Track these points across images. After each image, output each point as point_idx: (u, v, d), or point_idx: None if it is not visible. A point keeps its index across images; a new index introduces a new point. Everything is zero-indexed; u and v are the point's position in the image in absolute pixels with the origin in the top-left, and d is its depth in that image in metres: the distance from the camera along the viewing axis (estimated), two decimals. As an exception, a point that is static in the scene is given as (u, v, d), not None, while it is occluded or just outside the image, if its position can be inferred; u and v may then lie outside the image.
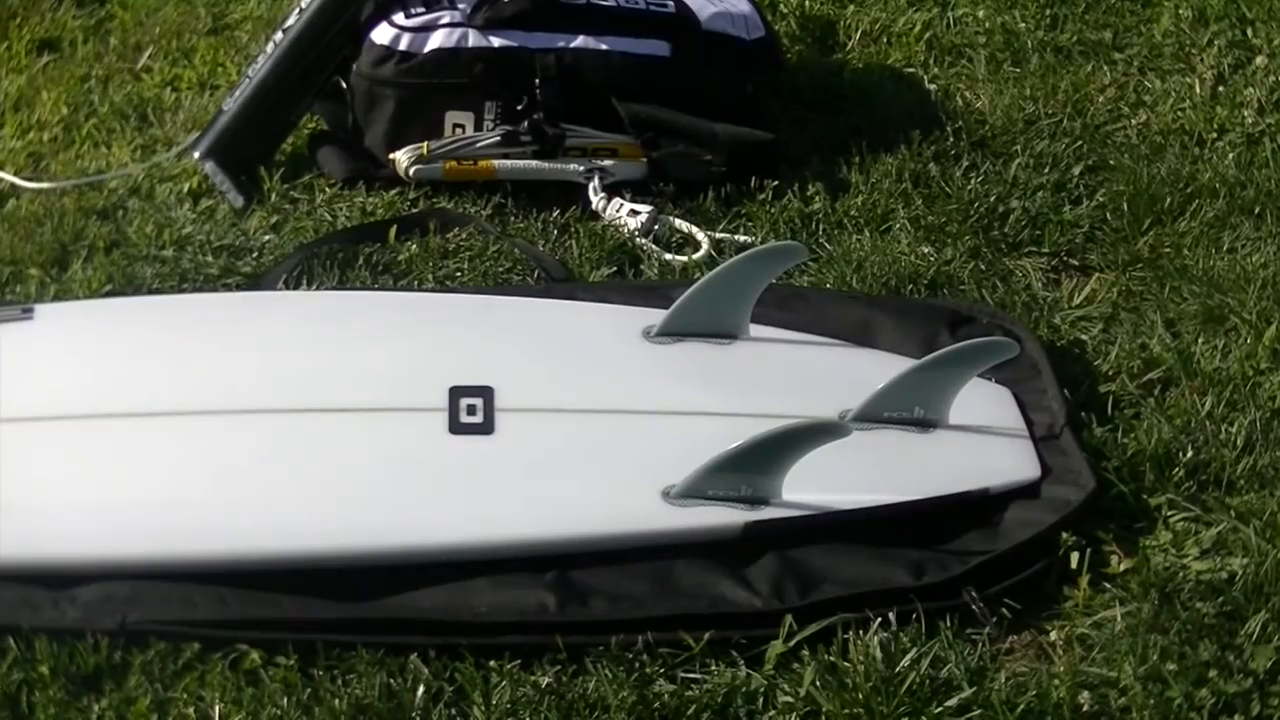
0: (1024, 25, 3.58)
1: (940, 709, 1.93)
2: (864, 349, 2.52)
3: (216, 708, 1.92)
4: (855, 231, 2.87)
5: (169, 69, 3.45)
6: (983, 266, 2.77)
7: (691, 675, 1.98)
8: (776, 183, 2.95)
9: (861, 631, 2.02)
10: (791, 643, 2.01)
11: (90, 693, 1.95)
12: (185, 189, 2.98)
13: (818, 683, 1.95)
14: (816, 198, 2.94)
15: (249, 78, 3.04)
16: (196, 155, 3.03)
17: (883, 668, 1.96)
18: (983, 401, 2.37)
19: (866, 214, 2.91)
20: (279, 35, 3.03)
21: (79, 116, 3.27)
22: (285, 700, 1.92)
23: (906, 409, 2.31)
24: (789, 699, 1.95)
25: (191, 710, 1.92)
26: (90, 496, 2.16)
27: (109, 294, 2.68)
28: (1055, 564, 2.15)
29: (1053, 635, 2.07)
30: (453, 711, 1.93)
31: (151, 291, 2.70)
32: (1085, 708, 1.95)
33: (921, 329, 2.56)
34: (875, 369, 2.38)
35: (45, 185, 3.01)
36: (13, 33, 3.58)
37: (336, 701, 1.91)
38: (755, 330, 2.50)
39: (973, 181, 2.97)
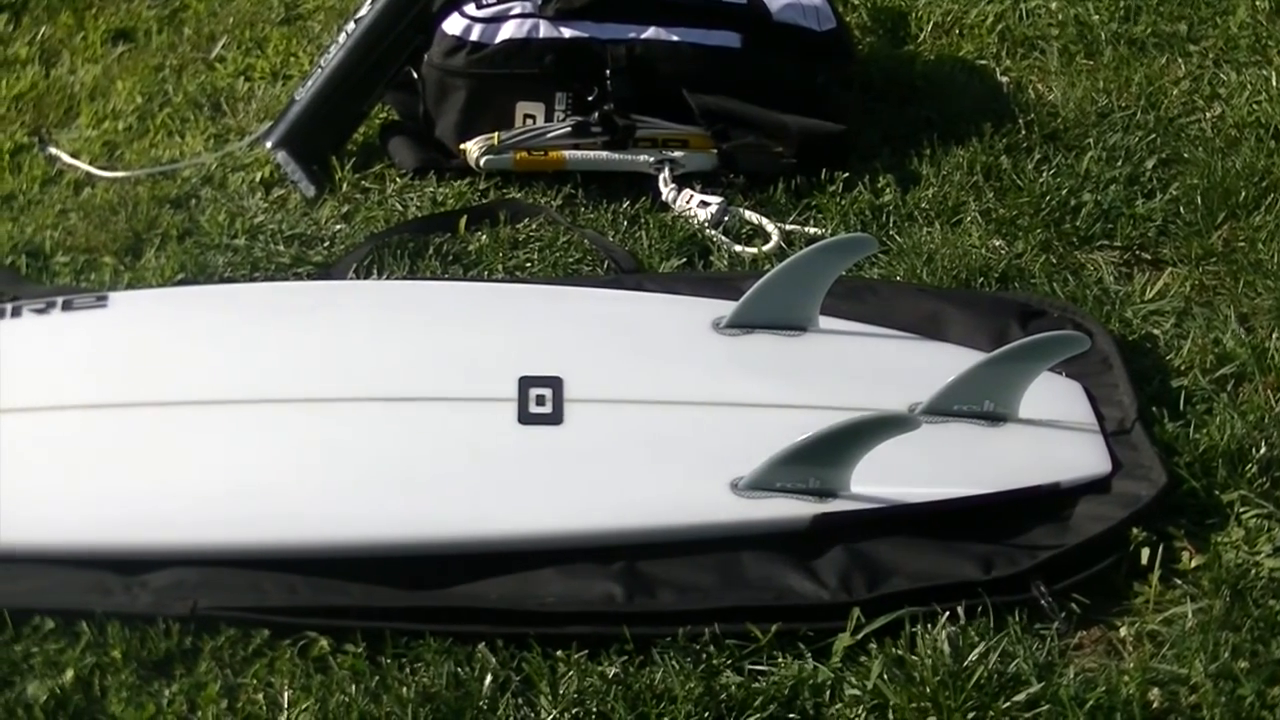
0: (1097, 17, 3.56)
1: (1008, 704, 1.92)
2: (934, 342, 2.51)
3: (285, 694, 1.94)
4: (926, 224, 2.86)
5: (242, 59, 3.48)
6: (1054, 260, 2.76)
7: (758, 667, 1.98)
8: (847, 175, 2.95)
9: (929, 625, 2.01)
10: (859, 636, 2.01)
11: (161, 677, 1.97)
12: (257, 178, 3.00)
13: (885, 676, 1.95)
14: (887, 190, 2.93)
15: (321, 68, 3.06)
16: (269, 145, 3.05)
17: (950, 662, 1.95)
18: (1053, 395, 2.36)
19: (937, 206, 2.90)
20: (351, 25, 3.05)
21: (153, 106, 3.30)
22: (353, 688, 1.93)
23: (976, 402, 2.30)
24: (856, 692, 1.94)
25: (260, 696, 1.94)
26: (162, 483, 2.18)
27: (181, 282, 2.71)
28: (1125, 559, 2.14)
29: (1122, 631, 2.06)
30: (519, 701, 1.93)
31: (223, 280, 2.72)
32: (1155, 705, 1.94)
33: (992, 322, 2.54)
34: (945, 362, 2.37)
35: (120, 174, 3.04)
36: (89, 23, 3.62)
37: (404, 690, 1.92)
38: (825, 322, 2.49)
39: (1044, 174, 2.96)
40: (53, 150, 3.14)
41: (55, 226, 2.87)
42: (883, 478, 2.16)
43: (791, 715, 1.92)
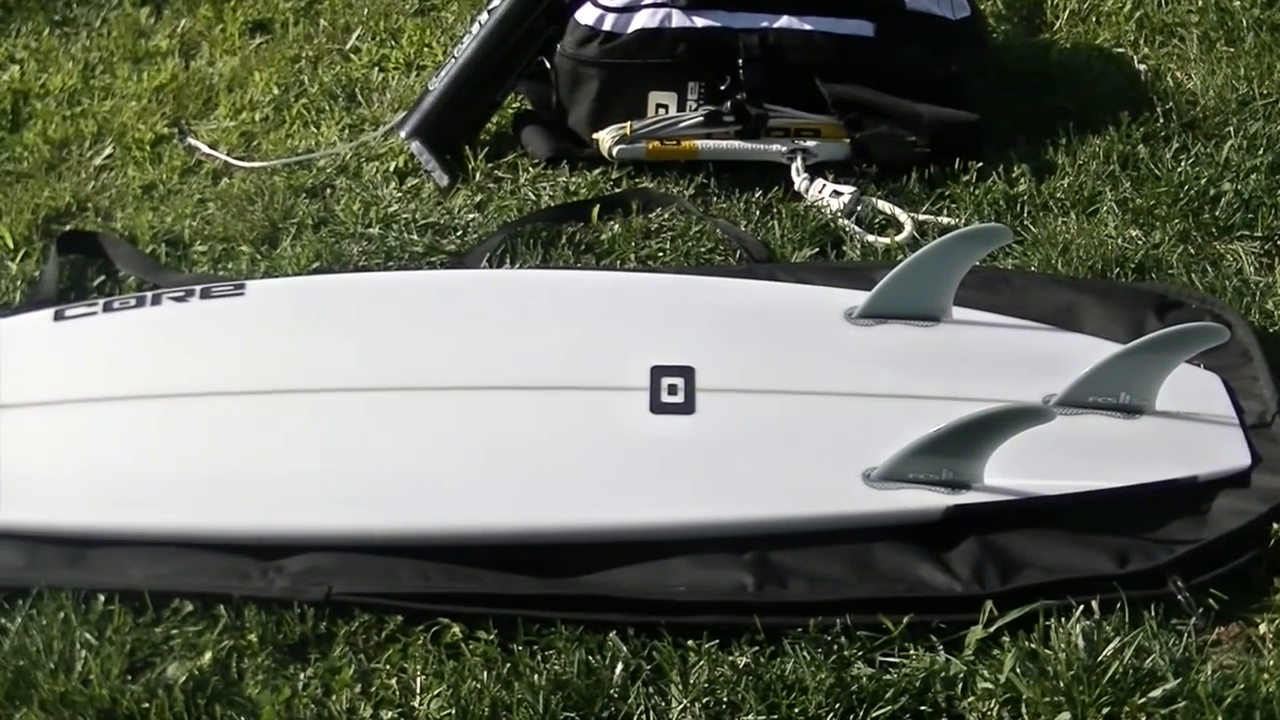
0: (1239, 3, 3.49)
1: (1144, 700, 1.89)
2: (1069, 333, 2.48)
3: (418, 679, 1.95)
4: (1061, 214, 2.83)
5: (377, 49, 3.51)
6: (1192, 250, 2.72)
7: (889, 659, 1.97)
8: (981, 164, 2.92)
9: (1063, 619, 1.99)
10: (992, 629, 1.99)
11: (296, 661, 2.00)
12: (391, 168, 3.03)
13: (1018, 670, 1.93)
14: (1021, 179, 2.90)
15: (455, 58, 3.07)
16: (403, 135, 3.07)
17: (1085, 656, 1.93)
18: (1191, 388, 2.33)
19: (1073, 196, 2.87)
20: (484, 16, 3.06)
21: (289, 97, 3.34)
22: (485, 674, 1.95)
23: (1112, 394, 2.28)
24: (988, 685, 1.93)
25: (393, 681, 1.96)
26: (298, 470, 2.20)
27: (317, 271, 2.74)
28: (1265, 555, 2.10)
29: (1262, 628, 2.03)
30: (650, 690, 1.94)
31: (358, 269, 2.75)
32: (1295, 703, 1.91)
33: (1128, 313, 2.51)
34: (1080, 353, 2.35)
35: (256, 164, 3.08)
36: (227, 15, 3.66)
37: (536, 677, 1.93)
38: (958, 313, 2.48)
39: (1183, 164, 2.91)
40: (192, 141, 3.18)
41: (194, 216, 2.91)
42: (1017, 470, 2.14)
43: (923, 708, 1.91)
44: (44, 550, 2.12)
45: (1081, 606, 2.00)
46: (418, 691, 1.94)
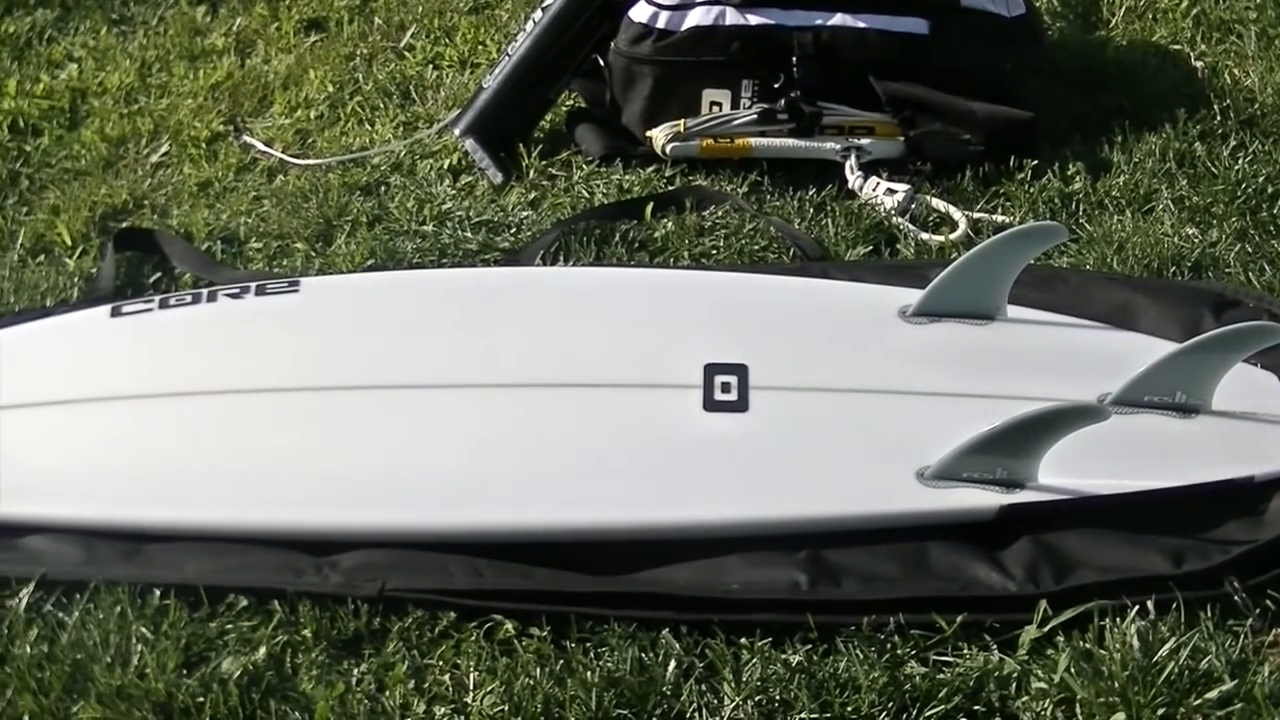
0: (1297, 0, 3.48)
1: (1199, 701, 1.88)
2: (1124, 331, 2.47)
3: (471, 676, 1.96)
4: (1116, 212, 2.81)
5: (431, 47, 3.52)
6: (1250, 249, 2.70)
7: (943, 658, 1.96)
8: (1036, 162, 2.91)
9: (1118, 619, 1.98)
10: (1046, 628, 1.98)
11: (350, 657, 2.00)
12: (445, 165, 3.04)
13: (1072, 670, 1.92)
14: (1077, 177, 2.89)
15: (509, 56, 3.08)
16: (457, 132, 3.08)
17: (1140, 657, 1.92)
18: (1248, 387, 2.31)
19: (1128, 194, 2.85)
20: (538, 14, 3.07)
21: (344, 94, 3.35)
22: (538, 671, 1.95)
23: (1168, 393, 2.26)
24: (1043, 685, 1.92)
25: (447, 677, 1.96)
26: (353, 466, 2.21)
27: (371, 268, 2.75)
28: (1323, 556, 2.09)
29: (1320, 629, 2.02)
30: (703, 688, 1.94)
31: (412, 266, 2.75)
32: (1354, 705, 1.90)
33: (1184, 312, 2.50)
34: (1136, 352, 2.33)
35: (311, 161, 3.09)
36: (282, 13, 3.68)
37: (588, 674, 1.93)
38: (1013, 311, 2.47)
39: (1240, 161, 2.90)
40: (247, 138, 3.20)
41: (249, 213, 2.93)
42: (1072, 469, 2.13)
43: (977, 707, 1.91)
44: (100, 545, 2.14)
45: (1137, 606, 1.99)
46: (471, 688, 1.94)
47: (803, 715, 1.89)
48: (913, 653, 1.96)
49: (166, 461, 2.23)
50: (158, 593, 2.05)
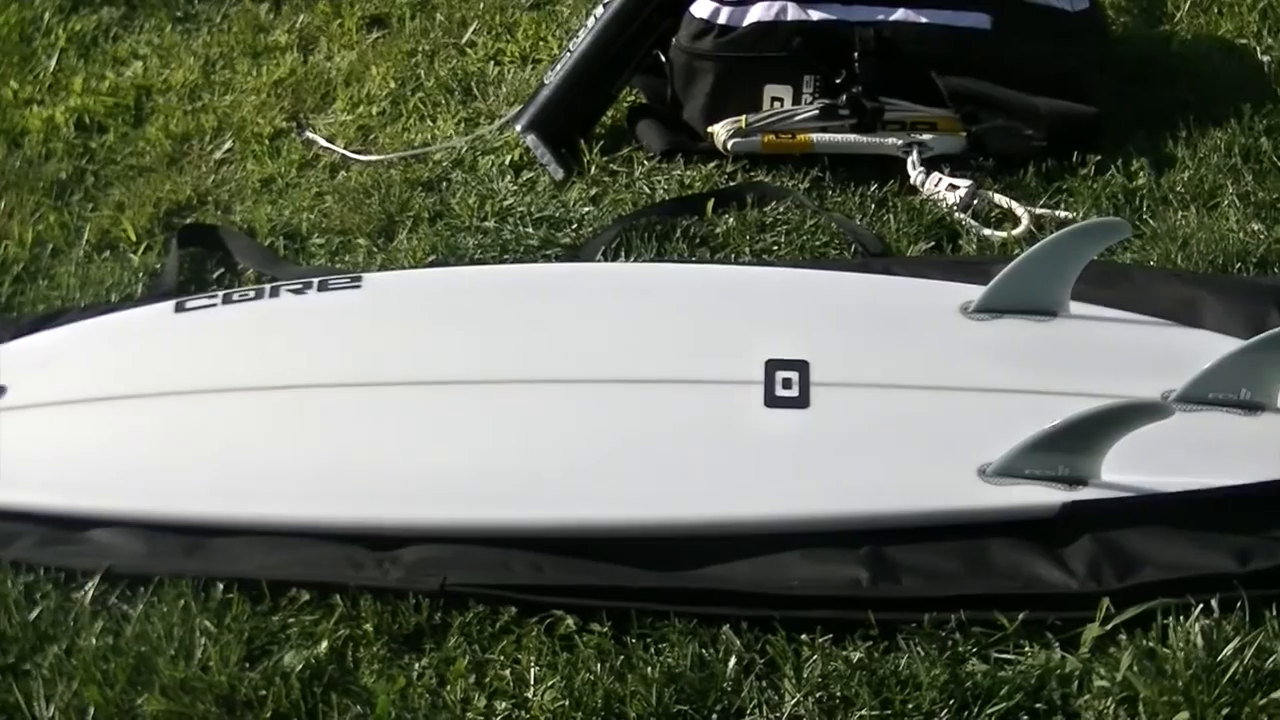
0: (1365, -7, 3.45)
1: (1265, 700, 1.87)
2: (1189, 328, 2.45)
3: (531, 670, 1.96)
4: (1181, 208, 2.80)
5: (492, 43, 3.52)
6: (1317, 245, 2.68)
7: (1005, 656, 1.96)
8: (1099, 157, 2.90)
9: (1182, 617, 1.97)
10: (1108, 626, 1.97)
11: (411, 651, 2.01)
12: (507, 161, 3.05)
13: (1135, 668, 1.91)
14: (1140, 173, 2.87)
15: (570, 52, 3.08)
16: (518, 128, 3.09)
17: (1204, 656, 1.91)
18: (1314, 384, 2.30)
19: (1193, 190, 2.83)
20: (600, 10, 3.07)
21: (406, 91, 3.36)
22: (598, 666, 1.95)
23: (1233, 390, 2.25)
24: (1105, 683, 1.91)
25: (507, 672, 1.97)
26: (414, 462, 2.22)
27: (432, 263, 2.76)
28: (1391, 554, 2.07)
29: (1387, 628, 2.00)
30: (763, 684, 1.93)
31: (474, 262, 2.76)
32: None
33: (1250, 308, 2.48)
34: (1200, 349, 2.32)
35: (373, 157, 3.10)
36: (345, 10, 3.69)
37: (649, 669, 1.93)
38: (1075, 308, 2.45)
39: (1307, 157, 2.88)
40: (310, 135, 3.21)
41: (312, 209, 2.94)
42: (1135, 466, 2.12)
43: (1038, 705, 1.90)
44: (164, 539, 2.15)
45: (1200, 605, 1.97)
46: (532, 682, 1.95)
47: (863, 712, 1.89)
48: (974, 650, 1.96)
49: (229, 456, 2.25)
50: (220, 586, 2.07)
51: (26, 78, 3.54)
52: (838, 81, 2.96)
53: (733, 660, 1.95)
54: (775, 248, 2.75)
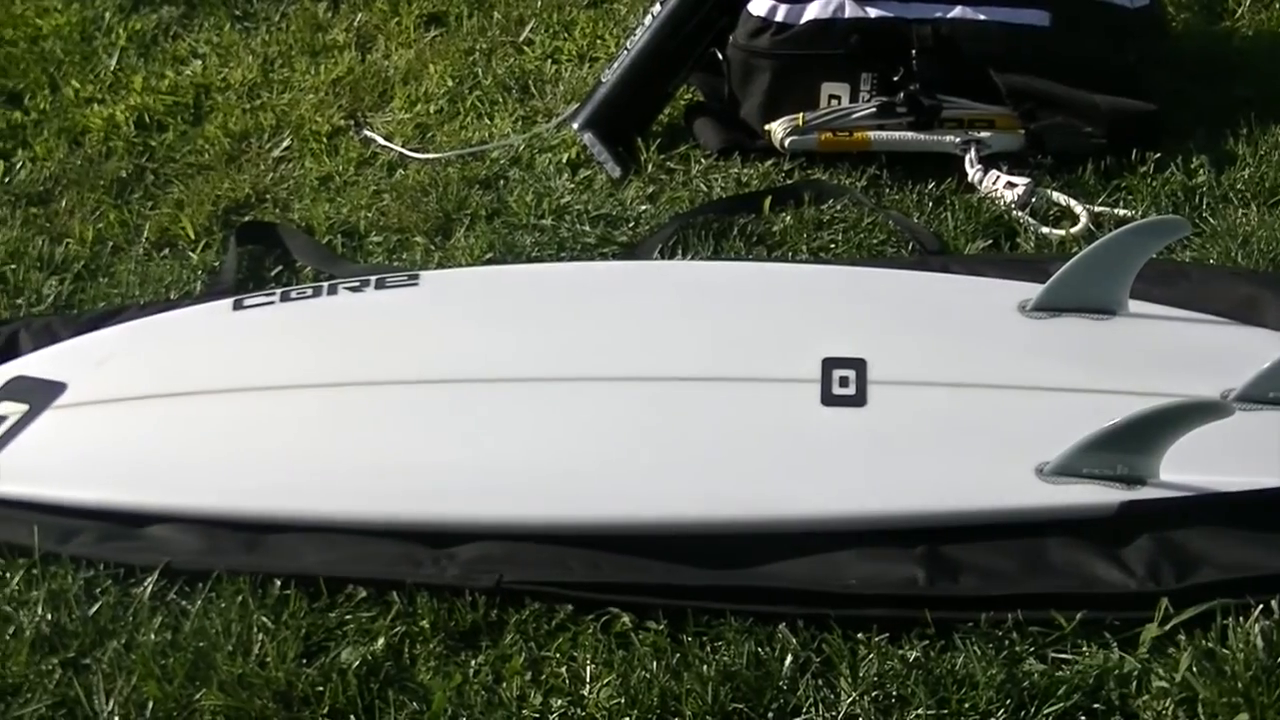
0: None
1: (1326, 702, 1.86)
2: (1249, 327, 2.43)
3: (587, 668, 1.96)
4: (1241, 205, 2.78)
5: (550, 42, 3.53)
6: (1379, 243, 2.66)
7: (1062, 655, 1.94)
8: (1158, 155, 2.88)
9: (1241, 618, 1.95)
10: (1167, 627, 1.96)
11: (467, 648, 2.01)
12: (564, 159, 3.05)
13: (1194, 669, 1.90)
14: (1200, 171, 2.85)
15: (627, 50, 3.09)
16: (575, 126, 3.09)
17: (1264, 657, 1.89)
18: (1377, 384, 2.28)
19: (1254, 187, 2.81)
20: (657, 8, 3.07)
21: (463, 89, 3.37)
22: (654, 664, 1.95)
23: (1294, 390, 2.24)
24: (1163, 684, 1.90)
25: (563, 670, 1.97)
26: (470, 459, 2.23)
27: (489, 261, 2.76)
28: None
29: None
30: (819, 682, 1.93)
31: (531, 260, 2.77)
32: None
33: (1311, 307, 2.46)
34: (1261, 348, 2.30)
35: (431, 155, 3.11)
36: (403, 9, 3.71)
37: (705, 668, 1.93)
38: (1134, 306, 2.44)
39: (1370, 154, 2.85)
40: (368, 133, 3.22)
41: (369, 207, 2.96)
42: (1194, 465, 2.11)
43: (1096, 705, 1.88)
44: (222, 535, 2.17)
45: (1260, 606, 1.95)
46: (587, 680, 1.95)
47: (919, 712, 1.88)
48: (1031, 650, 1.94)
49: (287, 453, 2.26)
50: (278, 583, 2.08)
51: (88, 77, 3.57)
52: (895, 79, 2.96)
53: (789, 659, 1.94)
54: (832, 246, 2.74)
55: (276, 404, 2.35)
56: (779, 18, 2.98)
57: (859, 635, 1.97)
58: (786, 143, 2.96)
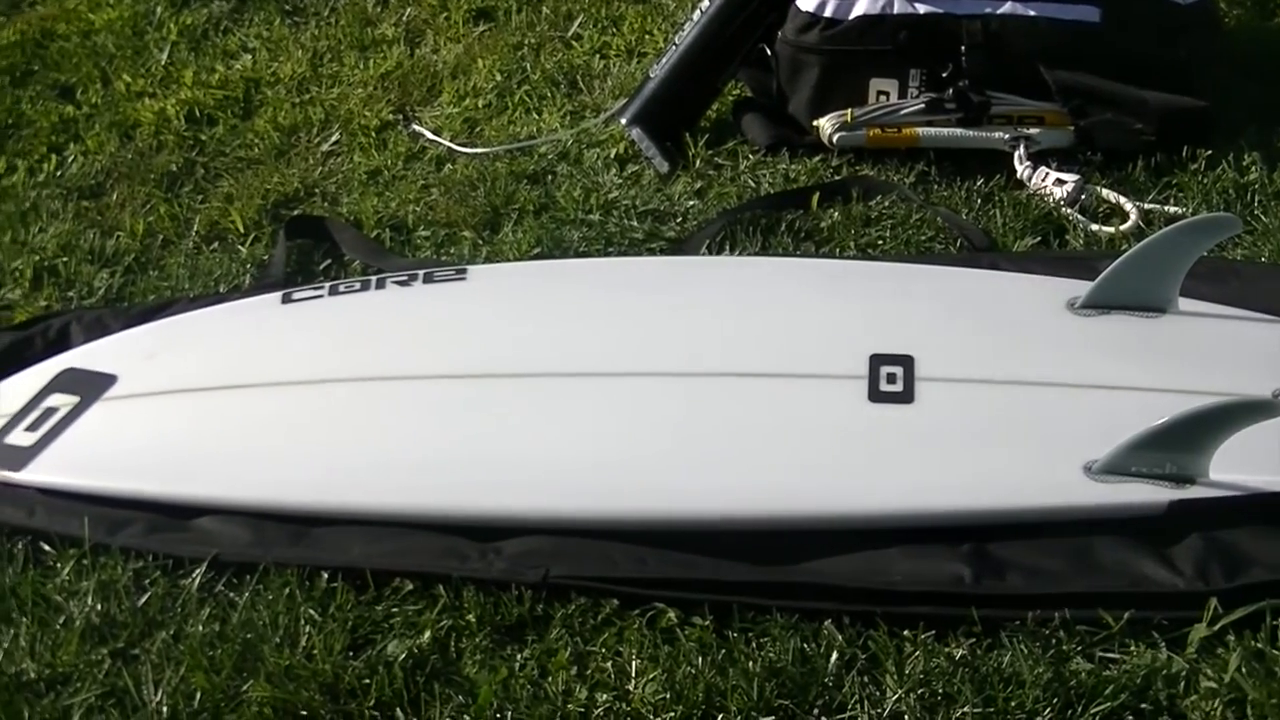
0: None
1: (1376, 703, 1.85)
2: (1301, 326, 2.42)
3: (633, 663, 1.96)
4: (1293, 203, 2.77)
5: (598, 37, 3.53)
6: None
7: (1109, 655, 1.94)
8: (1210, 152, 2.86)
9: (1291, 619, 1.94)
10: (1216, 627, 1.95)
11: (513, 642, 2.02)
12: (612, 154, 3.05)
13: (1243, 669, 1.89)
14: (1252, 168, 2.84)
15: (675, 45, 3.09)
16: (624, 121, 3.09)
17: (1314, 658, 1.89)
18: None
19: (1306, 185, 2.80)
20: (706, 3, 3.07)
21: (511, 83, 3.38)
22: (700, 660, 1.95)
23: (1346, 389, 2.22)
24: (1212, 685, 1.89)
25: (609, 665, 1.97)
26: (518, 453, 2.23)
27: (537, 256, 2.77)
28: None
29: None
30: (865, 680, 1.93)
31: (578, 254, 2.77)
32: None
33: (1364, 306, 2.45)
34: (1312, 346, 2.29)
35: (479, 150, 3.12)
36: (451, 3, 3.72)
37: (750, 664, 1.93)
38: (1184, 304, 2.43)
39: None
40: (416, 127, 3.23)
41: (418, 201, 2.96)
42: (1244, 465, 2.09)
43: (1143, 705, 1.88)
44: (269, 527, 2.18)
45: (1311, 606, 1.95)
46: (633, 675, 1.95)
47: (965, 709, 1.87)
48: (1078, 649, 1.94)
49: (335, 446, 2.27)
50: (325, 575, 2.09)
51: (139, 71, 3.60)
52: (944, 75, 2.95)
53: (834, 655, 1.94)
54: (880, 242, 2.74)
55: (324, 397, 2.35)
56: (828, 13, 2.97)
57: (905, 633, 1.97)
58: (835, 139, 2.95)
